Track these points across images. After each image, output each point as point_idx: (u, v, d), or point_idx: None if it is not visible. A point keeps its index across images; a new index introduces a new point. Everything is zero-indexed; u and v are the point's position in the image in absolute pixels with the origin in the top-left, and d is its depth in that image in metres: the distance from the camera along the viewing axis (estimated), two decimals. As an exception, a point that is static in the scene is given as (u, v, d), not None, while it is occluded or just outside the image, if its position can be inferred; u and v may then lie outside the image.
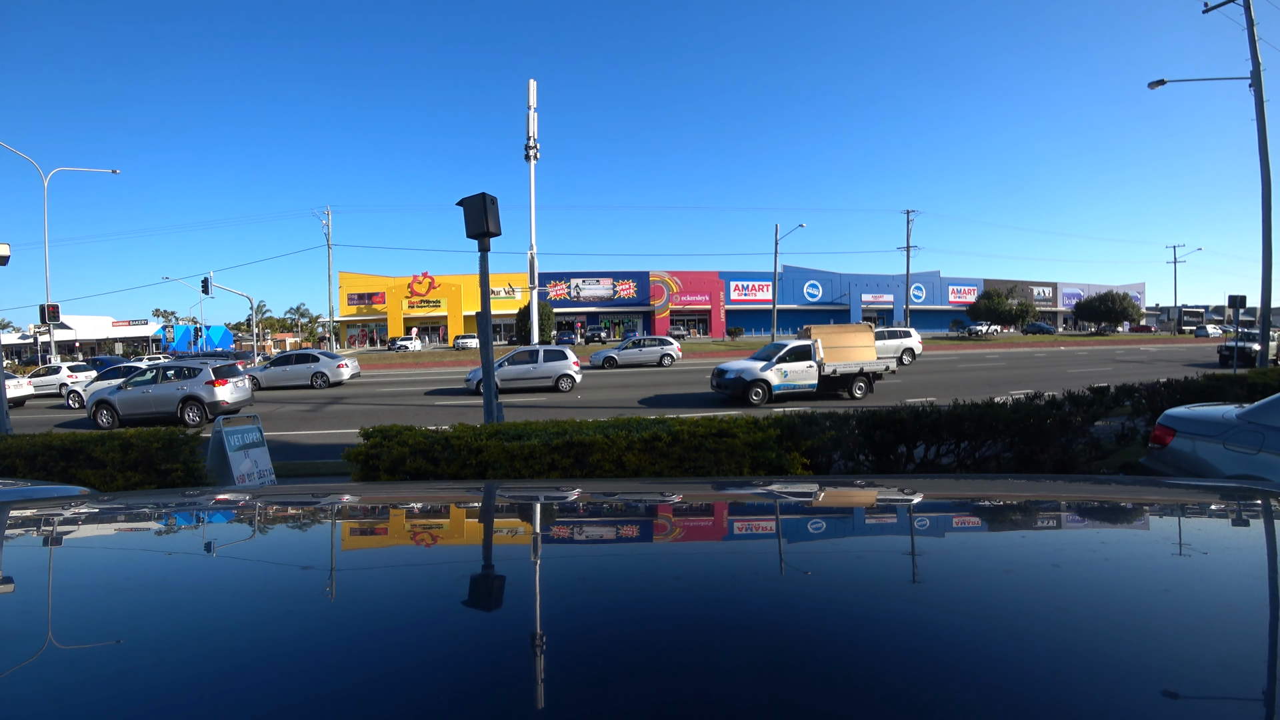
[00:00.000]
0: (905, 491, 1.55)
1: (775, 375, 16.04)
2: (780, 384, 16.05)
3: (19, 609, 0.78)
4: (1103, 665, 0.57)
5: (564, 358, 20.27)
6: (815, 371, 16.17)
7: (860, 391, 16.52)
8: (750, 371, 16.13)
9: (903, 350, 26.81)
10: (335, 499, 1.50)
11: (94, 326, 64.28)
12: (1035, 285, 74.79)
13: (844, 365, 16.29)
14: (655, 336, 35.89)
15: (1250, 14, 15.37)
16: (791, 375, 16.13)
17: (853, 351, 16.55)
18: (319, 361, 24.13)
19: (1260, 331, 15.90)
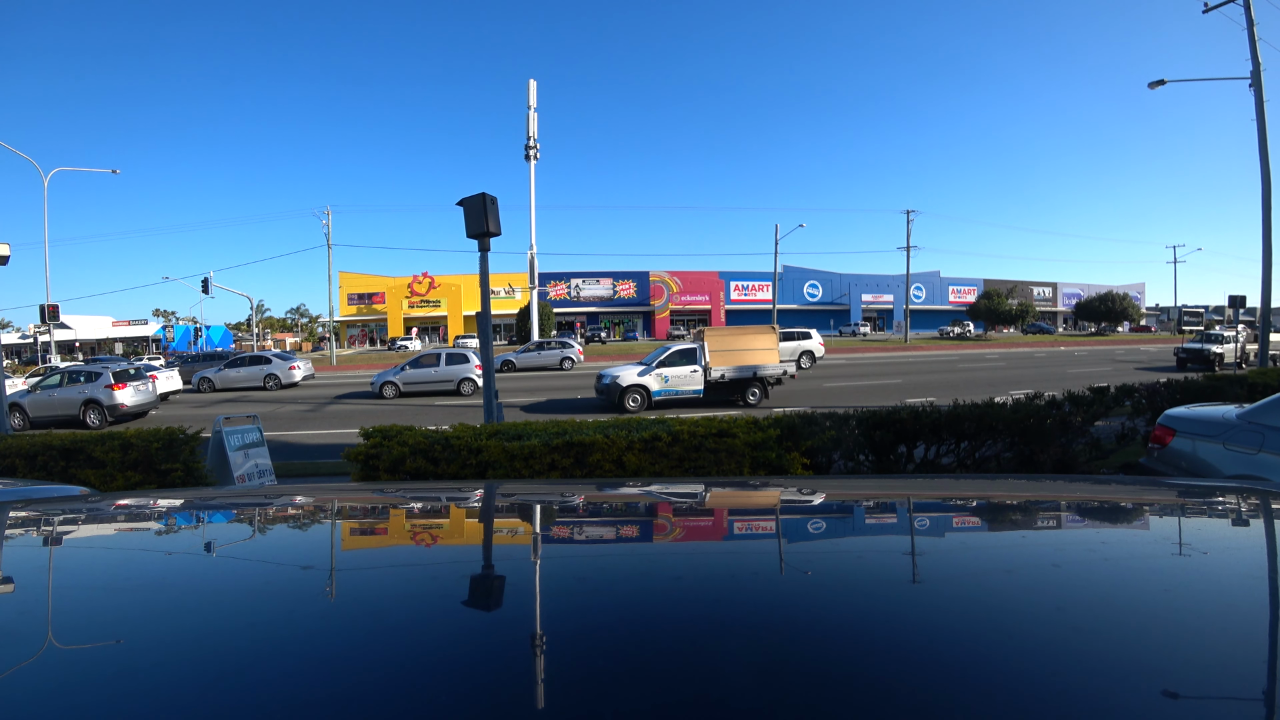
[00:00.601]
0: (905, 491, 1.55)
1: (654, 380, 15.41)
2: (660, 389, 15.38)
3: (19, 609, 0.78)
4: (1103, 665, 0.57)
5: (465, 361, 20.24)
6: (700, 376, 15.50)
7: (754, 397, 15.71)
8: (626, 376, 15.51)
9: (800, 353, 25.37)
10: (335, 499, 1.50)
11: (94, 326, 64.28)
12: (1035, 285, 74.82)
13: (733, 369, 15.57)
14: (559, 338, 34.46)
15: (1250, 14, 15.37)
16: (673, 380, 15.45)
17: (751, 354, 15.85)
18: (271, 364, 24.52)
19: (1260, 331, 15.83)
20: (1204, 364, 23.99)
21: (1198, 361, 24.57)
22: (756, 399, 15.75)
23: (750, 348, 15.98)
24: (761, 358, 15.90)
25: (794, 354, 24.70)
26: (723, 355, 15.74)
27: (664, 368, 15.57)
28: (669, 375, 15.52)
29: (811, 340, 26.79)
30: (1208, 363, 24.20)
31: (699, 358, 15.61)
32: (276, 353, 27.54)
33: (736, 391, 15.80)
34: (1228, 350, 25.32)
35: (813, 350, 26.45)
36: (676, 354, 15.95)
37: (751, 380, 15.76)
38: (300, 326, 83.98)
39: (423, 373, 20.00)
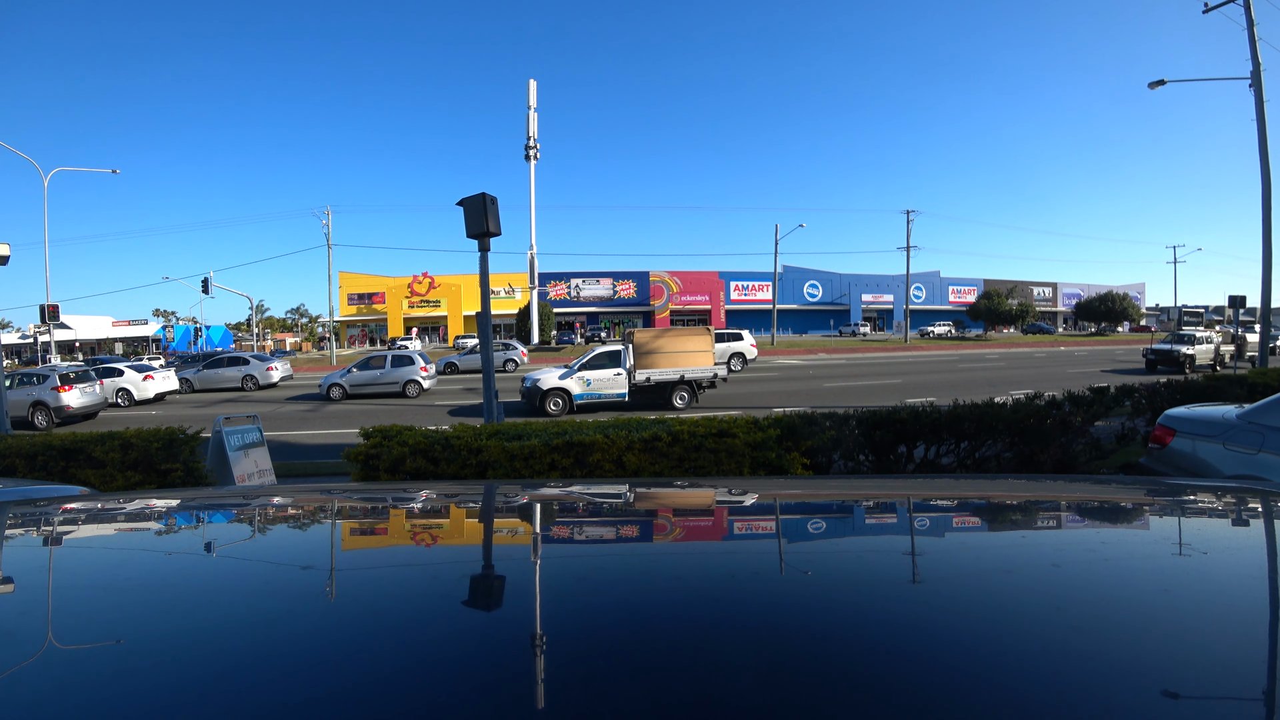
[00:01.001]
0: (905, 491, 1.55)
1: (576, 384, 15.02)
2: (582, 393, 14.99)
3: (19, 609, 0.78)
4: (1103, 665, 0.57)
5: (411, 364, 20.22)
6: (625, 379, 15.06)
7: (681, 401, 15.21)
8: (547, 380, 15.15)
9: (731, 355, 24.62)
10: (335, 499, 1.50)
11: (94, 326, 64.29)
12: (1035, 285, 74.81)
13: (659, 373, 15.11)
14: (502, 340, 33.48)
15: (1250, 14, 15.37)
16: (596, 384, 15.07)
17: (685, 356, 15.39)
18: (249, 364, 24.72)
19: (1260, 331, 15.80)
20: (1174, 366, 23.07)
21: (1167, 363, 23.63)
22: (684, 403, 15.25)
23: (684, 350, 15.53)
24: (695, 360, 15.44)
25: (724, 356, 24.00)
26: (654, 357, 15.29)
27: (586, 371, 15.15)
28: (591, 379, 15.10)
29: (742, 342, 26.03)
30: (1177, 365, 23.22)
31: (623, 360, 15.20)
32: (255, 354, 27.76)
33: (663, 395, 15.28)
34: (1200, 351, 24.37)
35: (743, 352, 25.63)
36: (601, 356, 15.54)
37: (679, 383, 15.27)
38: (300, 326, 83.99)
39: (369, 375, 20.16)
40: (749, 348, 26.13)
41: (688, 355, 15.51)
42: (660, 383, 15.21)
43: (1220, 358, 24.91)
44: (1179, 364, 23.27)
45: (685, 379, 15.36)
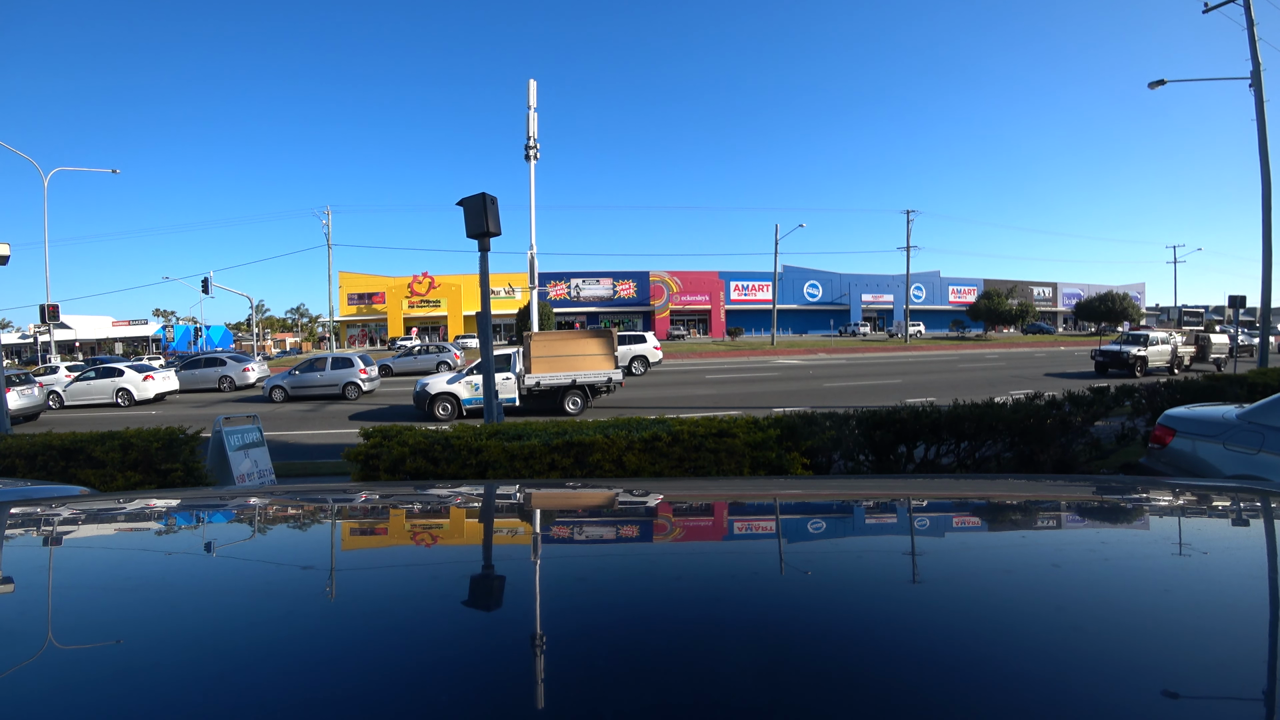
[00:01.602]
0: (905, 491, 1.55)
1: (464, 389, 14.92)
2: (470, 398, 14.83)
3: (19, 609, 0.78)
4: (1103, 665, 0.57)
5: (350, 366, 20.33)
6: (514, 384, 14.85)
7: (573, 406, 14.96)
8: (435, 384, 15.09)
9: (633, 358, 24.22)
10: (335, 499, 1.50)
11: (94, 326, 64.29)
12: (1035, 285, 74.83)
13: (549, 378, 14.87)
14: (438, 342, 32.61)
15: (1250, 14, 15.36)
16: None
17: (582, 360, 15.15)
18: (226, 365, 24.83)
19: (1260, 331, 15.77)
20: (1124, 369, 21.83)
21: (1117, 366, 22.31)
22: (577, 408, 14.99)
23: (581, 353, 15.30)
24: (593, 364, 15.18)
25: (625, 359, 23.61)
26: (549, 361, 15.03)
27: (474, 375, 14.96)
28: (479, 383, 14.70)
29: (645, 344, 25.39)
30: (1127, 367, 21.98)
31: (513, 365, 15.05)
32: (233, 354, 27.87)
33: (555, 400, 15.06)
34: (1154, 353, 22.85)
35: (646, 355, 25.01)
36: None
37: (570, 388, 15.02)
38: (300, 326, 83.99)
39: (310, 377, 20.31)
40: (652, 350, 25.46)
41: (586, 359, 15.24)
42: (551, 387, 14.93)
43: (1179, 360, 23.55)
44: (1128, 366, 22.01)
45: (577, 383, 15.01)
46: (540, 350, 15.18)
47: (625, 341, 24.77)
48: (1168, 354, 23.43)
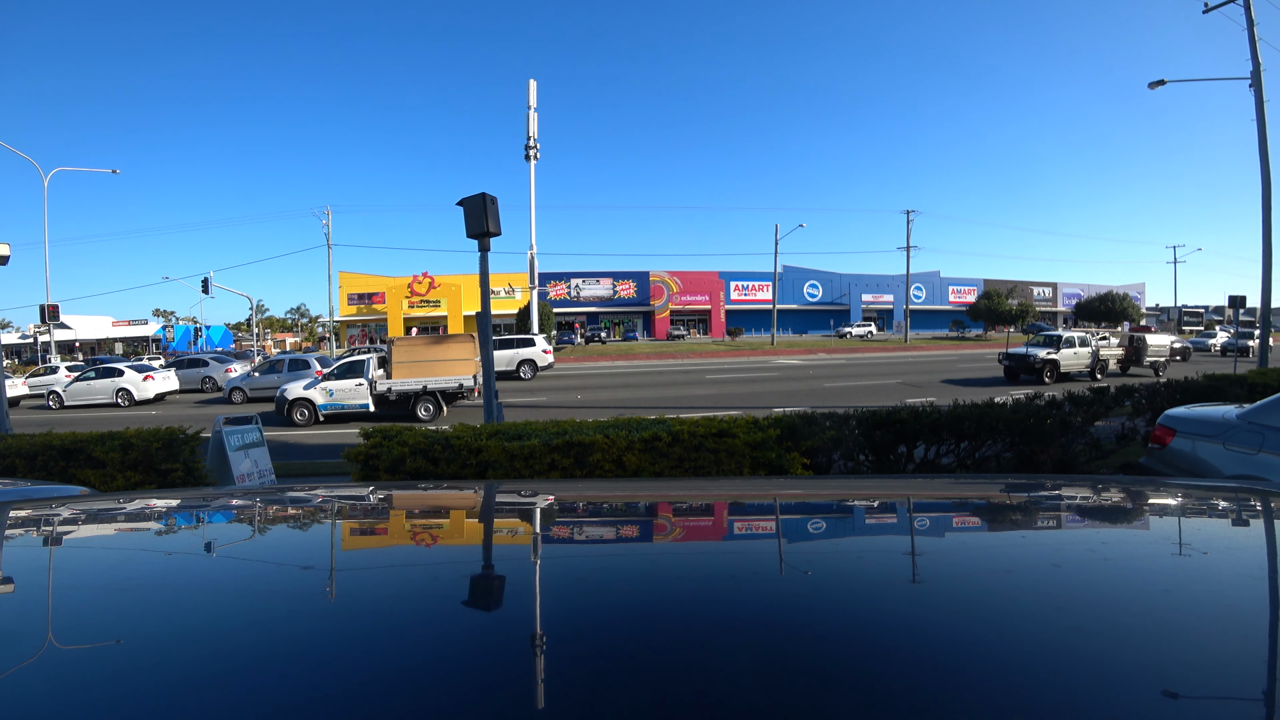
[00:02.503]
0: (905, 491, 1.55)
1: (319, 394, 14.92)
2: (325, 403, 14.91)
3: (19, 609, 0.78)
4: (1103, 665, 0.57)
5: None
6: (366, 390, 14.92)
7: (425, 413, 14.86)
8: (293, 390, 15.16)
9: (520, 361, 23.81)
10: (335, 499, 1.50)
11: (94, 326, 64.23)
12: (1035, 285, 74.73)
13: (400, 384, 14.88)
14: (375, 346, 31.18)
15: (1250, 14, 15.36)
16: (339, 394, 14.89)
17: (445, 365, 15.15)
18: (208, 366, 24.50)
19: (1260, 331, 15.77)
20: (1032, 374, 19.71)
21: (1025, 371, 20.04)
22: (429, 414, 14.85)
23: (444, 359, 15.33)
24: (450, 369, 15.16)
25: (512, 362, 23.54)
26: (410, 366, 15.04)
27: (330, 380, 15.10)
28: (334, 389, 15.00)
29: (534, 348, 24.58)
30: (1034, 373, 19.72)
31: (366, 370, 15.08)
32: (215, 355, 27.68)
33: (405, 405, 15.02)
34: (1067, 357, 20.28)
35: (534, 359, 24.27)
36: (345, 366, 15.46)
37: (421, 394, 14.97)
38: (300, 326, 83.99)
39: (269, 379, 20.31)
40: (540, 354, 24.64)
41: (445, 364, 15.21)
42: (403, 393, 14.92)
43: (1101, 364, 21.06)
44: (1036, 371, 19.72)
45: (428, 389, 14.97)
46: (402, 355, 15.25)
47: (513, 345, 24.47)
48: (1086, 358, 20.85)
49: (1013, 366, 20.65)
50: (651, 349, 42.58)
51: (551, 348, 25.56)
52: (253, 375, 20.70)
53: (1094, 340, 21.57)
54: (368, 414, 14.76)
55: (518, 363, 23.79)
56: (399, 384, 14.91)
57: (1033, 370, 19.96)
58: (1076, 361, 20.64)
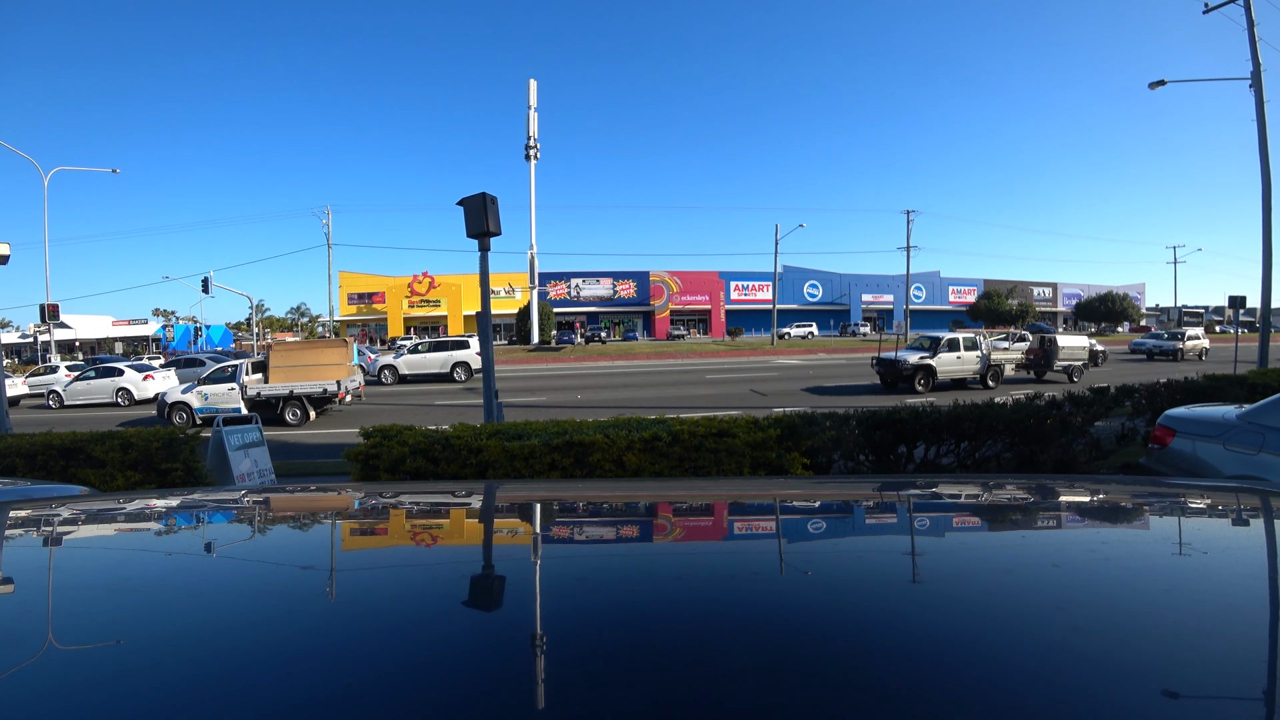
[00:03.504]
0: (905, 491, 1.55)
1: (195, 398, 15.49)
2: (201, 407, 15.36)
3: (19, 609, 0.78)
4: (1103, 665, 0.57)
5: None
6: (238, 394, 15.27)
7: (293, 417, 15.03)
8: (172, 394, 15.73)
9: (454, 364, 23.79)
10: (335, 498, 1.50)
11: (94, 326, 64.26)
12: (1035, 285, 74.79)
13: (269, 388, 15.18)
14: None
15: (1250, 14, 15.36)
16: (213, 398, 15.44)
17: (321, 370, 15.44)
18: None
19: (1261, 331, 15.75)
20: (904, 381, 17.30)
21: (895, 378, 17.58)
22: (297, 419, 15.04)
23: (319, 364, 15.67)
24: (329, 374, 15.45)
25: (446, 364, 23.67)
26: (286, 371, 15.39)
27: (205, 385, 15.63)
28: (209, 393, 15.53)
29: (468, 350, 24.38)
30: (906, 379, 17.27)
31: (238, 375, 15.49)
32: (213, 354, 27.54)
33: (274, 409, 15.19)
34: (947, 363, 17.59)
35: (468, 361, 24.09)
36: (220, 370, 15.93)
37: (289, 399, 15.17)
38: (301, 326, 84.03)
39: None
40: (474, 356, 24.13)
41: (319, 369, 15.52)
42: (269, 398, 15.17)
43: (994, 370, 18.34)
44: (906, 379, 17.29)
45: (295, 394, 15.18)
46: (279, 360, 15.66)
47: (446, 348, 24.48)
48: (974, 362, 18.07)
49: (883, 372, 18.08)
50: (651, 349, 42.55)
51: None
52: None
53: (985, 342, 18.94)
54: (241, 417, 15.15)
55: (452, 365, 23.98)
56: (266, 388, 15.26)
57: (902, 377, 17.44)
58: (960, 367, 17.98)
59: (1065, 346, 20.00)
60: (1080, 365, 20.08)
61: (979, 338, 19.02)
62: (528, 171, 49.62)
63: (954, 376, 18.03)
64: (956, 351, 18.01)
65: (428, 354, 24.39)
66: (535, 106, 48.98)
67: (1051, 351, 19.78)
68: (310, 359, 15.77)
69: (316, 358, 15.81)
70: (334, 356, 15.94)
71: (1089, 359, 20.68)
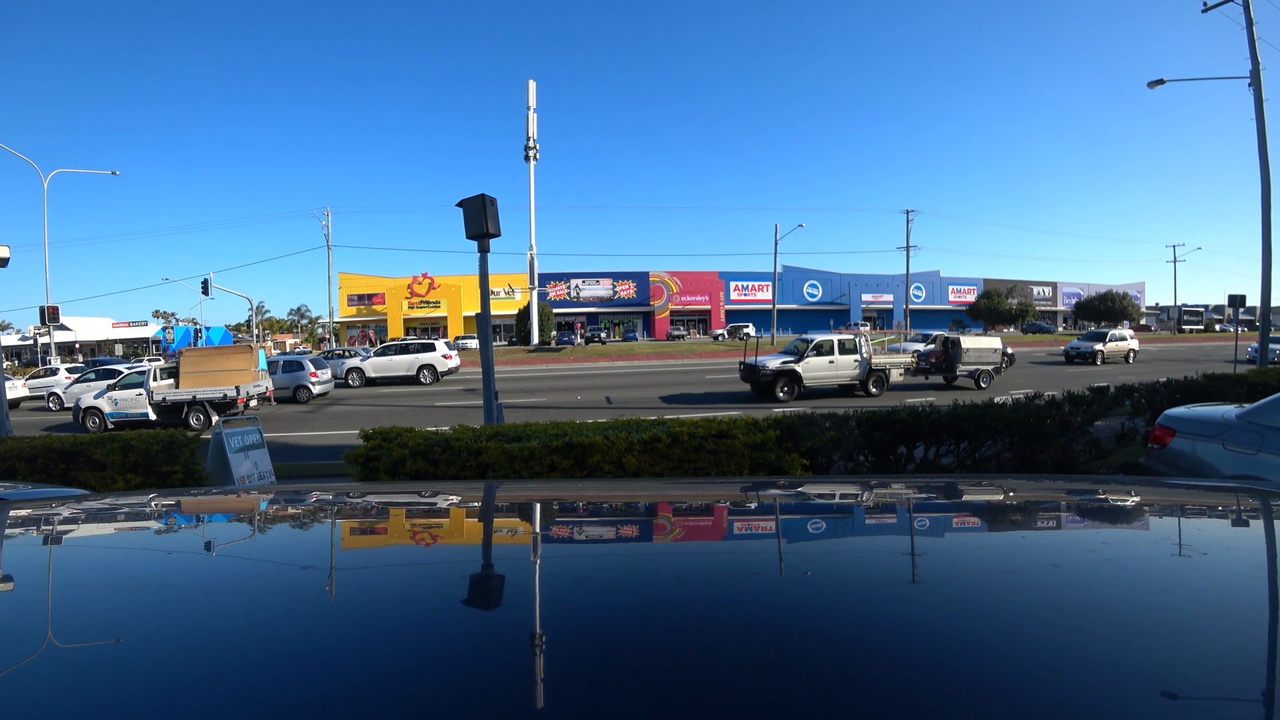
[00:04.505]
0: (905, 491, 1.55)
1: (107, 403, 15.89)
2: (112, 412, 15.81)
3: (19, 609, 0.78)
4: (1103, 665, 0.57)
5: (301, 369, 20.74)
6: (145, 399, 15.73)
7: (197, 422, 15.45)
8: (85, 399, 16.18)
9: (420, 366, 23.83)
10: (335, 499, 1.50)
11: (94, 328, 64.28)
12: (1035, 285, 74.82)
13: (174, 394, 15.71)
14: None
15: (1250, 13, 15.37)
16: (123, 403, 15.89)
17: (228, 375, 16.01)
18: None
19: (1260, 331, 15.74)
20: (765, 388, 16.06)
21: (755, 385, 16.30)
22: (200, 424, 15.38)
23: (226, 369, 16.26)
24: (235, 379, 16.01)
25: (412, 367, 23.79)
26: (194, 377, 15.91)
27: (116, 390, 16.11)
28: (119, 398, 15.98)
29: (433, 353, 24.44)
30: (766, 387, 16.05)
31: (145, 381, 15.91)
32: None
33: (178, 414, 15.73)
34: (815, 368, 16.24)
35: (434, 364, 24.14)
36: (133, 375, 16.43)
37: (191, 404, 15.67)
38: (300, 328, 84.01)
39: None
40: (440, 359, 24.38)
41: (226, 375, 16.09)
42: (174, 403, 15.68)
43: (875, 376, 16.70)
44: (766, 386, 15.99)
45: (197, 399, 15.63)
46: (189, 366, 16.22)
47: (412, 350, 24.66)
48: (850, 368, 16.47)
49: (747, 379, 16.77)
50: (651, 349, 42.54)
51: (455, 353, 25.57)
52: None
53: (866, 344, 17.22)
54: (149, 422, 15.54)
55: (418, 367, 24.13)
56: (171, 394, 15.78)
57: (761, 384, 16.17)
58: (831, 372, 16.45)
59: (971, 349, 18.09)
60: (990, 369, 18.28)
61: (859, 339, 17.43)
62: (527, 172, 49.72)
63: (825, 383, 16.58)
64: (828, 355, 16.54)
65: (394, 357, 24.55)
66: (534, 107, 49.07)
67: (955, 355, 17.99)
68: (218, 365, 16.40)
69: (223, 364, 16.47)
70: (240, 363, 16.59)
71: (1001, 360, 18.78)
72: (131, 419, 15.62)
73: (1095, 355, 26.71)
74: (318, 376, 20.63)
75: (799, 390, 16.27)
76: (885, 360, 17.35)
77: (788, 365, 16.25)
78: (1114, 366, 25.05)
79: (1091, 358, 26.58)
